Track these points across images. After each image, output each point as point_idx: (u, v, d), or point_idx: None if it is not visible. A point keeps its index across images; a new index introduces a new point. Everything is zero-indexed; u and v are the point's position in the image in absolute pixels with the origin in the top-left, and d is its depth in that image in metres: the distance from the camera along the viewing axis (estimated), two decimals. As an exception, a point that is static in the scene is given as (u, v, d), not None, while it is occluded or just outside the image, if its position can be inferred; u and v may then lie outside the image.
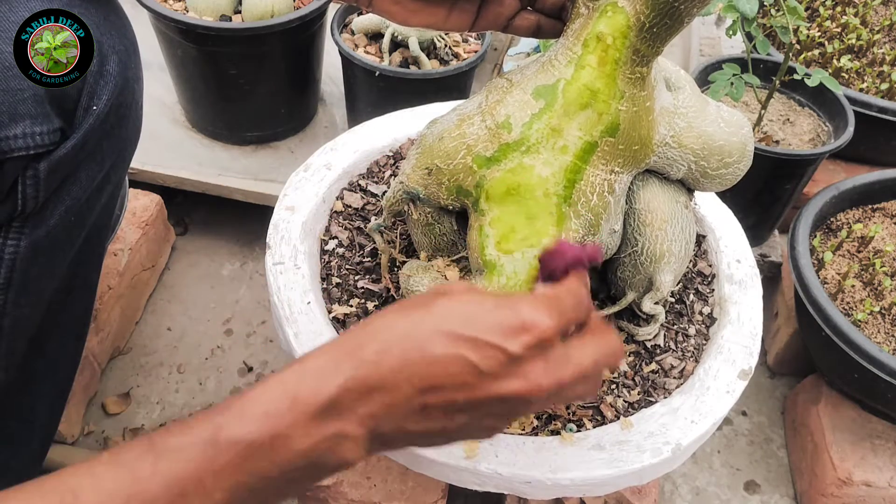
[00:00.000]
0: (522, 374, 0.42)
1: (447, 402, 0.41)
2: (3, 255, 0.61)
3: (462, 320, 0.41)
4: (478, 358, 0.40)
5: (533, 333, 0.42)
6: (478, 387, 0.41)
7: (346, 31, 1.25)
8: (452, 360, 0.40)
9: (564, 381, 0.43)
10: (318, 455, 0.40)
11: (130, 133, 0.68)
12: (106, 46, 0.60)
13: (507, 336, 0.41)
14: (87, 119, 0.60)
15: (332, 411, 0.39)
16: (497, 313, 0.42)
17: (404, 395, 0.40)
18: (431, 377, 0.40)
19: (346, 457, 0.40)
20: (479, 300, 0.43)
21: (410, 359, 0.40)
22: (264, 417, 0.39)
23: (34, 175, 0.58)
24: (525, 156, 0.59)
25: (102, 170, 0.65)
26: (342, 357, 0.41)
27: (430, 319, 0.41)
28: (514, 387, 0.41)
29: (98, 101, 0.60)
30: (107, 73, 0.60)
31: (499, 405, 0.42)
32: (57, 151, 0.58)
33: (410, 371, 0.40)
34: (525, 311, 0.42)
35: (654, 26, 0.54)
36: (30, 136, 0.56)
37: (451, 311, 0.42)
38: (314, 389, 0.39)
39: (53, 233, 0.63)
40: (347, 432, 0.40)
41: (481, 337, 0.41)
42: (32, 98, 0.55)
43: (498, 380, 0.41)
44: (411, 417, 0.41)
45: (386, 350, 0.40)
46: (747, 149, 0.68)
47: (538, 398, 0.43)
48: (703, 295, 0.80)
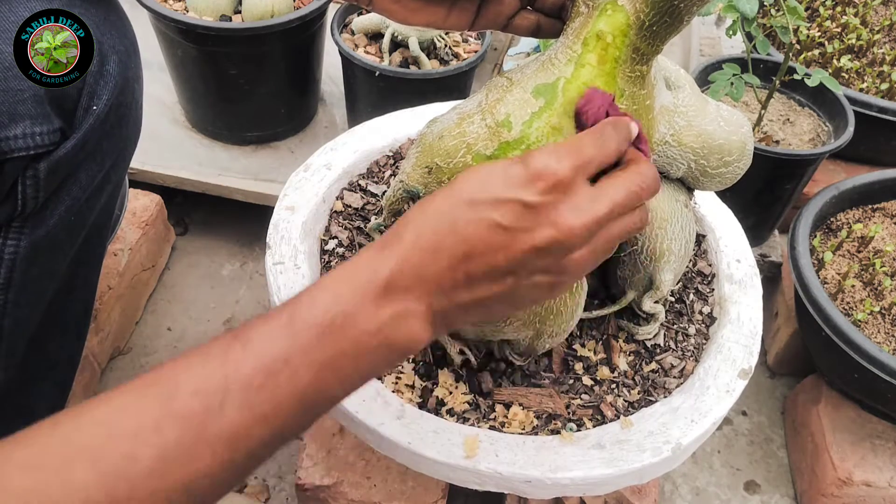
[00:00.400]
0: (549, 221, 0.43)
1: (488, 266, 0.43)
2: (3, 255, 0.61)
3: (478, 186, 0.43)
4: (500, 216, 0.42)
5: (546, 178, 0.43)
6: (510, 244, 0.43)
7: (346, 31, 1.25)
8: (478, 225, 0.43)
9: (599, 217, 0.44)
10: (388, 332, 0.42)
11: (130, 133, 0.68)
12: (106, 46, 0.60)
13: (522, 187, 0.43)
14: (87, 119, 0.60)
15: (391, 292, 0.42)
16: (509, 170, 0.44)
17: (446, 268, 0.43)
18: (464, 246, 0.43)
19: (415, 333, 0.43)
20: (492, 165, 0.45)
21: (441, 234, 0.43)
22: (332, 301, 0.42)
23: (34, 175, 0.58)
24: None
25: (102, 170, 0.65)
26: (388, 246, 0.43)
27: (452, 195, 0.44)
28: (546, 234, 0.43)
29: (98, 102, 0.60)
30: (107, 74, 0.60)
31: (539, 257, 0.44)
32: (57, 152, 0.58)
33: (444, 245, 0.43)
34: (534, 161, 0.44)
35: (654, 25, 0.54)
36: (30, 137, 0.56)
37: (467, 182, 0.44)
38: (371, 274, 0.42)
39: (53, 233, 0.63)
40: (410, 309, 0.43)
41: (498, 195, 0.43)
42: (32, 98, 0.55)
43: (528, 231, 0.43)
44: (460, 288, 0.43)
45: (420, 232, 0.43)
46: (747, 148, 0.68)
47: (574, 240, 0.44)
48: (703, 294, 0.80)
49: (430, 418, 0.65)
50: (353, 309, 0.42)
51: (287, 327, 0.41)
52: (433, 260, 0.43)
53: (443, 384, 0.69)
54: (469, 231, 0.43)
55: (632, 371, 0.72)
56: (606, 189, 0.45)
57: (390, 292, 0.42)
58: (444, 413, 0.67)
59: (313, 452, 0.84)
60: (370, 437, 0.65)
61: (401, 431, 0.63)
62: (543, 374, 0.71)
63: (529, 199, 0.43)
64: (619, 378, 0.71)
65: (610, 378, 0.71)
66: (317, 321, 0.41)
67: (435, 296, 0.43)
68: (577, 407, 0.69)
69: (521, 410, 0.68)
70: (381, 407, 0.65)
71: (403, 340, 0.43)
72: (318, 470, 0.83)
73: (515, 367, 0.71)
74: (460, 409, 0.68)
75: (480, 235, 0.43)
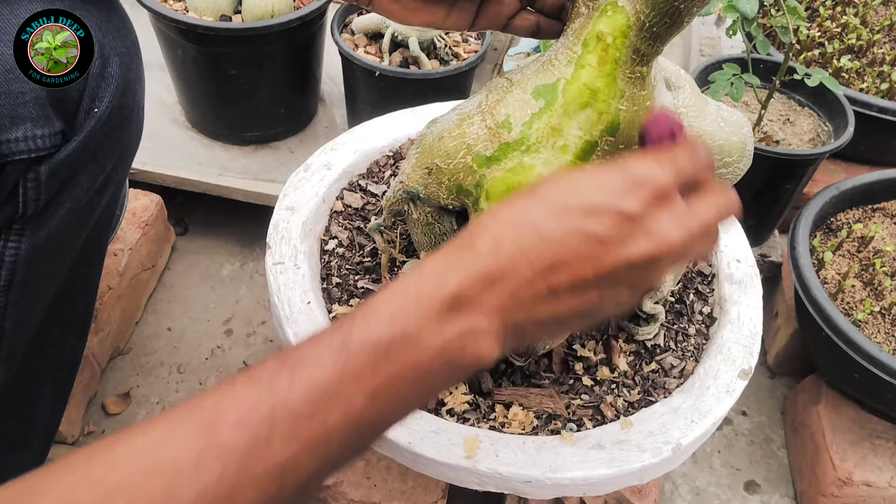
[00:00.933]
0: (648, 232, 0.40)
1: (574, 278, 0.40)
2: (3, 257, 0.61)
3: (570, 193, 0.40)
4: (596, 225, 0.39)
5: (648, 187, 0.40)
6: (603, 256, 0.40)
7: (346, 31, 1.25)
8: (569, 235, 0.39)
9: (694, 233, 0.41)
10: (452, 352, 0.39)
11: (132, 134, 0.68)
12: (107, 48, 0.60)
13: (622, 195, 0.40)
14: (88, 121, 0.60)
15: (458, 306, 0.39)
16: (605, 177, 0.41)
17: (527, 280, 0.39)
18: (551, 256, 0.39)
19: (482, 352, 0.40)
20: (585, 172, 0.42)
21: (525, 242, 0.39)
22: (391, 319, 0.39)
23: (35, 178, 0.58)
24: (525, 155, 0.59)
25: (104, 171, 0.65)
26: (458, 254, 0.40)
27: (538, 202, 0.41)
28: (643, 247, 0.40)
29: (99, 104, 0.60)
30: (108, 75, 0.60)
31: (629, 272, 0.41)
32: (58, 154, 0.58)
33: (528, 254, 0.39)
34: (636, 168, 0.41)
35: (655, 26, 0.54)
36: (31, 140, 0.56)
37: (556, 189, 0.41)
38: (436, 287, 0.39)
39: (54, 235, 0.63)
40: (478, 325, 0.39)
41: (594, 203, 0.40)
42: (34, 101, 0.55)
43: (623, 243, 0.40)
44: (540, 302, 0.40)
45: (499, 239, 0.40)
46: (747, 148, 0.68)
47: (668, 255, 0.41)
48: (703, 295, 0.80)
49: (430, 418, 0.65)
50: (413, 328, 0.39)
51: (340, 351, 0.38)
52: (513, 271, 0.39)
53: (443, 384, 0.69)
54: (559, 240, 0.39)
55: (632, 371, 0.72)
56: (699, 206, 0.43)
57: (457, 307, 0.39)
58: (444, 413, 0.67)
59: (313, 452, 0.84)
60: (370, 437, 0.65)
61: (401, 431, 0.63)
62: (543, 374, 0.71)
63: (630, 209, 0.39)
64: (619, 378, 0.71)
65: (610, 378, 0.71)
66: (372, 343, 0.38)
67: (510, 310, 0.40)
68: (577, 407, 0.69)
69: (521, 410, 0.68)
70: (381, 407, 0.65)
71: (469, 360, 0.40)
72: (318, 470, 0.82)
73: (515, 367, 0.71)
74: (460, 409, 0.68)
75: (570, 246, 0.39)
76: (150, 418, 0.37)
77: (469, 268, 0.39)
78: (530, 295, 0.40)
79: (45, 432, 0.81)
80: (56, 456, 0.95)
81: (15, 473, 0.36)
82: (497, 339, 0.40)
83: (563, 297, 0.40)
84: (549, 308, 0.40)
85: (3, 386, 0.68)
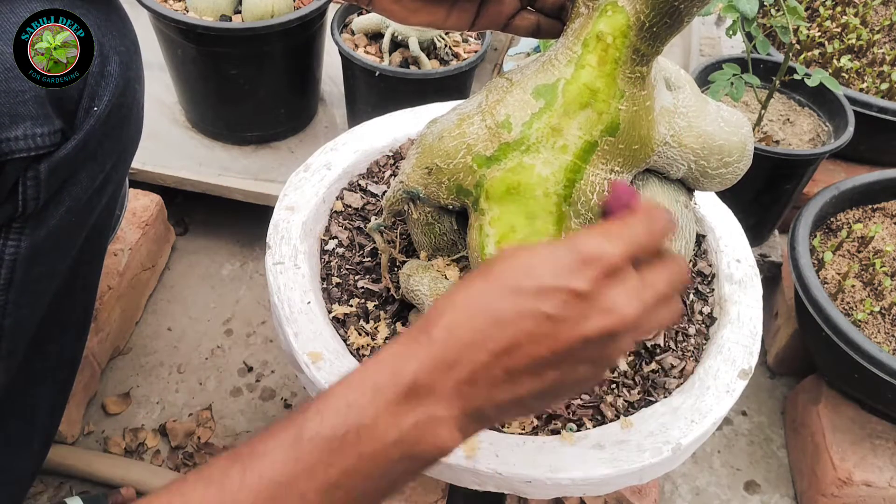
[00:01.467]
0: (601, 309, 0.40)
1: (531, 360, 0.39)
2: (3, 255, 0.61)
3: (522, 273, 0.40)
4: (548, 306, 0.39)
5: (597, 265, 0.40)
6: (558, 335, 0.39)
7: (346, 31, 1.25)
8: (523, 316, 0.39)
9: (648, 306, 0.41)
10: (410, 443, 0.38)
11: (132, 133, 0.68)
12: (107, 47, 0.60)
13: (572, 274, 0.39)
14: (87, 120, 0.60)
15: (415, 395, 0.38)
16: (555, 255, 0.40)
17: (483, 364, 0.39)
18: (506, 339, 0.39)
19: (441, 441, 0.39)
20: (535, 250, 0.41)
21: (480, 326, 0.39)
22: (346, 410, 0.38)
23: (35, 176, 0.58)
24: (525, 155, 0.59)
25: (103, 170, 0.65)
26: (413, 341, 0.40)
27: (491, 283, 0.40)
28: (598, 324, 0.39)
29: (99, 102, 0.60)
30: (108, 74, 0.60)
31: (587, 349, 0.40)
32: (58, 153, 0.58)
33: (483, 338, 0.39)
34: (584, 244, 0.41)
35: (654, 26, 0.54)
36: (31, 138, 0.56)
37: (509, 268, 0.40)
38: (392, 376, 0.38)
39: (54, 233, 0.63)
40: (436, 414, 0.38)
41: (545, 283, 0.39)
42: (33, 99, 0.55)
43: (577, 322, 0.39)
44: (498, 385, 0.39)
45: (454, 324, 0.39)
46: (747, 148, 0.67)
47: (625, 330, 0.40)
48: (703, 295, 0.80)
49: (430, 418, 0.65)
50: (369, 419, 0.37)
51: (292, 446, 0.37)
52: (470, 356, 0.39)
53: (443, 384, 0.69)
54: (512, 324, 0.39)
55: (632, 371, 0.72)
56: (651, 278, 0.42)
57: (414, 396, 0.38)
58: (444, 413, 0.67)
59: (313, 452, 0.84)
60: (370, 437, 0.65)
61: (401, 432, 0.63)
62: (543, 374, 0.71)
63: (580, 287, 0.39)
64: (619, 378, 0.71)
65: (610, 378, 0.71)
66: (326, 436, 0.37)
67: (468, 397, 0.39)
68: (577, 407, 0.69)
69: (521, 411, 0.68)
70: (381, 407, 0.65)
71: (428, 450, 0.39)
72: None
73: (515, 367, 0.71)
74: (460, 410, 0.68)
75: (524, 328, 0.39)
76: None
77: (425, 356, 0.39)
78: (488, 379, 0.39)
79: (44, 432, 0.81)
80: (55, 456, 0.95)
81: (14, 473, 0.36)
82: (457, 426, 0.39)
83: (521, 380, 0.40)
84: (509, 391, 0.40)
85: (3, 385, 0.68)
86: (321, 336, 0.68)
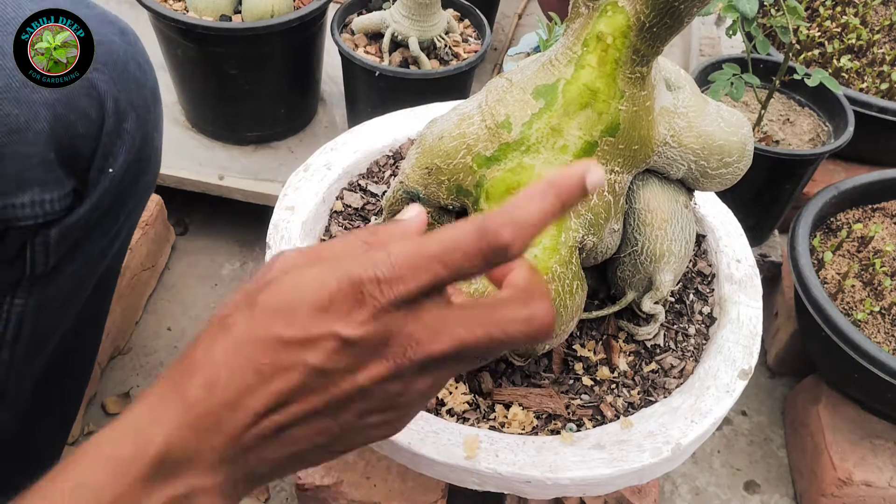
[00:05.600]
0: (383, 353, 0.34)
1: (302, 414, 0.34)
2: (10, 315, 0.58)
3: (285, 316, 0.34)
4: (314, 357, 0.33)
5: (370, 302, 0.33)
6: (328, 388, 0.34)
7: (346, 31, 1.25)
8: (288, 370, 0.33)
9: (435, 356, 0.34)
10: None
11: (149, 180, 0.65)
12: (123, 103, 0.57)
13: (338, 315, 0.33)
14: (102, 181, 0.57)
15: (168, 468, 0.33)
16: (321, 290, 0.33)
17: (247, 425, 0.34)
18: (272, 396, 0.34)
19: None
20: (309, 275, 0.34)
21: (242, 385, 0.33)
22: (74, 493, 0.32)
23: (44, 241, 0.55)
24: (525, 155, 0.59)
25: (117, 223, 0.63)
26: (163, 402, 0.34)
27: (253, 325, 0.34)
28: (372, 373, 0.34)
29: (114, 162, 0.57)
30: (124, 132, 0.57)
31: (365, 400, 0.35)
32: (69, 217, 0.55)
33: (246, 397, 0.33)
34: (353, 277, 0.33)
35: (654, 26, 0.54)
36: (38, 205, 0.53)
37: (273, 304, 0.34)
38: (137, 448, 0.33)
39: (64, 289, 0.61)
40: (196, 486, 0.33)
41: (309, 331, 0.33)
42: (42, 164, 0.52)
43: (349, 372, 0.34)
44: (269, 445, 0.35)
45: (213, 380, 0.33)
46: (747, 148, 0.68)
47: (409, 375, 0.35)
48: (702, 295, 0.80)
49: (430, 418, 0.65)
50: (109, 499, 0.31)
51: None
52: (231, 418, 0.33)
53: (443, 384, 0.69)
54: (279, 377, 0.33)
55: (632, 371, 0.72)
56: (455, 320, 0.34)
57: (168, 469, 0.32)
58: (444, 413, 0.67)
59: (313, 452, 0.84)
60: (370, 437, 0.65)
61: (401, 432, 0.63)
62: (543, 374, 0.71)
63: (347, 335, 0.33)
64: (619, 378, 0.71)
65: (610, 378, 0.71)
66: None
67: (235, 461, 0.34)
68: (577, 407, 0.69)
69: (521, 411, 0.68)
70: (381, 407, 0.65)
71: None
72: (318, 470, 0.83)
73: (515, 367, 0.71)
74: (460, 409, 0.68)
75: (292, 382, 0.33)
76: None
77: (178, 420, 0.33)
78: (256, 440, 0.34)
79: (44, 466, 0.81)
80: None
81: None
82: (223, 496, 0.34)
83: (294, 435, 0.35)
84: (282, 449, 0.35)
85: (6, 429, 0.66)
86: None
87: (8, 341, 0.60)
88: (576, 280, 0.64)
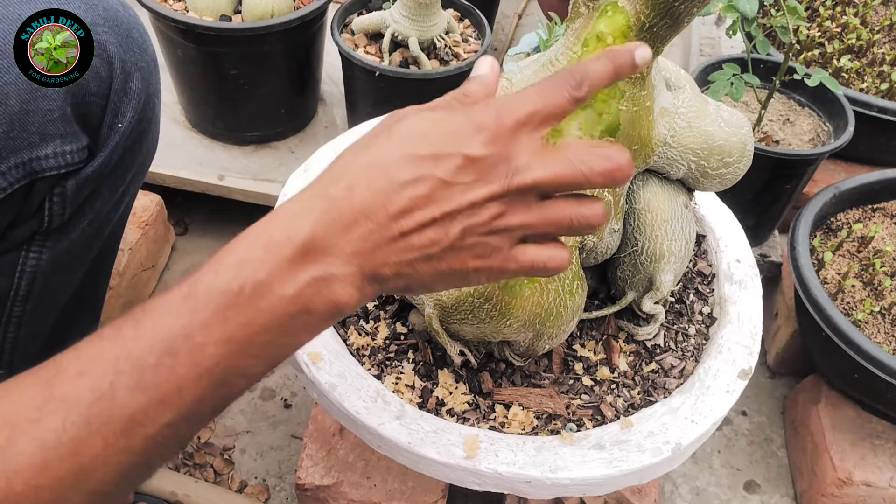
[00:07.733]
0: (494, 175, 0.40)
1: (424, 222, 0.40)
2: (24, 268, 0.61)
3: (419, 139, 0.41)
4: (442, 170, 0.40)
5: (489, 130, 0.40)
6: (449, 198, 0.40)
7: (346, 31, 1.25)
8: (418, 181, 0.40)
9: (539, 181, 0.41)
10: (307, 298, 0.39)
11: (150, 145, 0.68)
12: (129, 64, 0.60)
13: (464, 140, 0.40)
14: (112, 136, 0.61)
15: (311, 252, 0.39)
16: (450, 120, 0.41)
17: (379, 224, 0.39)
18: (402, 202, 0.39)
19: (338, 297, 0.40)
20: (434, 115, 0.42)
21: (379, 188, 0.40)
22: (240, 265, 0.38)
23: (62, 193, 0.59)
24: (525, 155, 0.59)
25: (124, 183, 0.66)
26: (312, 199, 0.40)
27: (391, 146, 0.41)
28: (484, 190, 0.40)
29: (122, 119, 0.61)
30: (130, 91, 0.61)
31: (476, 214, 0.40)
32: (85, 169, 0.59)
33: (381, 199, 0.39)
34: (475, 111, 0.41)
35: (654, 26, 0.54)
36: (60, 156, 0.56)
37: (408, 132, 0.41)
38: (288, 233, 0.39)
39: (74, 246, 0.64)
40: (333, 271, 0.39)
41: (439, 149, 0.40)
42: (61, 118, 0.55)
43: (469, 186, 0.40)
44: (393, 247, 0.40)
45: (354, 184, 0.40)
46: (747, 148, 0.68)
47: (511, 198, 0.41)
48: (703, 295, 0.80)
49: (431, 418, 0.65)
50: (264, 275, 0.38)
51: (187, 300, 0.37)
52: (367, 216, 0.39)
53: (443, 384, 0.69)
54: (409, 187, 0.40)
55: (632, 371, 0.72)
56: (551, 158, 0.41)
57: (311, 253, 0.39)
58: (444, 413, 0.67)
59: (313, 452, 0.84)
60: (370, 437, 0.65)
61: (401, 432, 0.63)
62: (543, 374, 0.71)
63: (471, 153, 0.40)
64: (618, 378, 0.71)
65: (610, 378, 0.71)
66: (221, 290, 0.37)
67: (366, 255, 0.40)
68: (577, 407, 0.69)
69: (521, 411, 0.68)
70: (380, 407, 0.65)
71: (325, 307, 0.39)
72: (318, 470, 0.83)
73: (515, 367, 0.71)
74: (460, 410, 0.68)
75: (419, 192, 0.40)
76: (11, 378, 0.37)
77: (322, 213, 0.39)
78: (383, 239, 0.40)
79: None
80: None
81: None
82: (354, 285, 0.40)
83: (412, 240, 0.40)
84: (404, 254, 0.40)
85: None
86: (321, 336, 0.68)
87: (20, 297, 0.63)
88: (576, 280, 0.64)
